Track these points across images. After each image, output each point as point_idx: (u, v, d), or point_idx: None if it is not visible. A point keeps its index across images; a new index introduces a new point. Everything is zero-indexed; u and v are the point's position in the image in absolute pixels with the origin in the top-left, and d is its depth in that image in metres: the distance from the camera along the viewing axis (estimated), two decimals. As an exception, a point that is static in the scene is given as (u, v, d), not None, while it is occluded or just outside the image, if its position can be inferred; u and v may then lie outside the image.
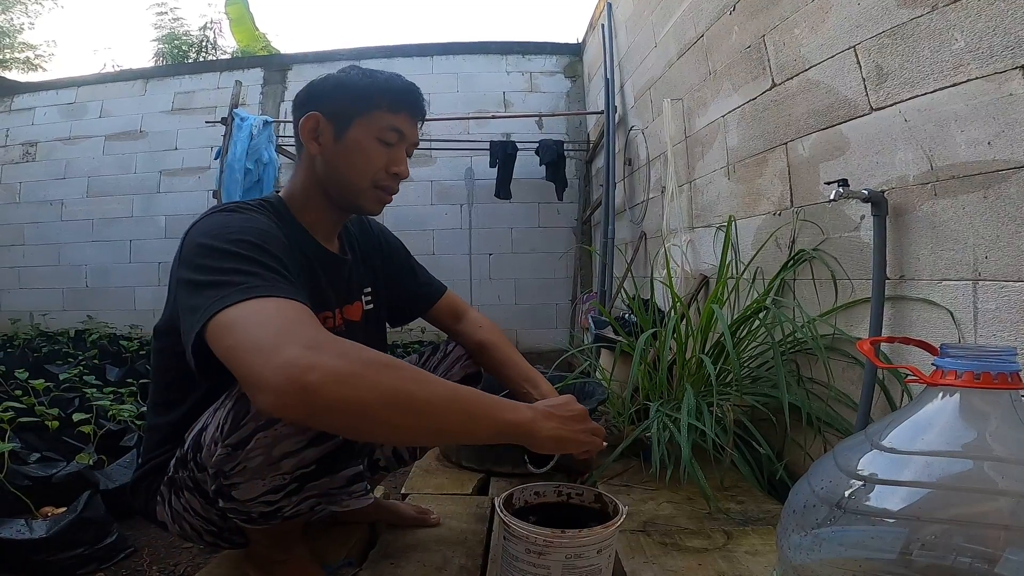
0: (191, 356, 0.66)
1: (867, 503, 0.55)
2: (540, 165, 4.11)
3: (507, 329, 4.71)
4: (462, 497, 1.44)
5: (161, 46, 7.63)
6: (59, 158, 4.99)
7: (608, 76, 3.55)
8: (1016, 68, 0.98)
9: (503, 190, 4.11)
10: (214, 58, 7.20)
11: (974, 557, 0.52)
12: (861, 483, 0.56)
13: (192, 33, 7.79)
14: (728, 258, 1.77)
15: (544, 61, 4.84)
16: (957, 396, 0.55)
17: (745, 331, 1.63)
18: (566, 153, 4.23)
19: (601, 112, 3.70)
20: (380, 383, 0.61)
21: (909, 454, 0.55)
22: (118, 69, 5.89)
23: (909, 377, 0.59)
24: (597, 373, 1.99)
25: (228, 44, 7.64)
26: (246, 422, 0.73)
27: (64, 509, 1.35)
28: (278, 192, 0.97)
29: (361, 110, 0.89)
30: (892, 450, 0.56)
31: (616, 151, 3.51)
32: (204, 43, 7.68)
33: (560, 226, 4.67)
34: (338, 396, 0.58)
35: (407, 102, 0.91)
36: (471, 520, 1.26)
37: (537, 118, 4.59)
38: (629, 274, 3.12)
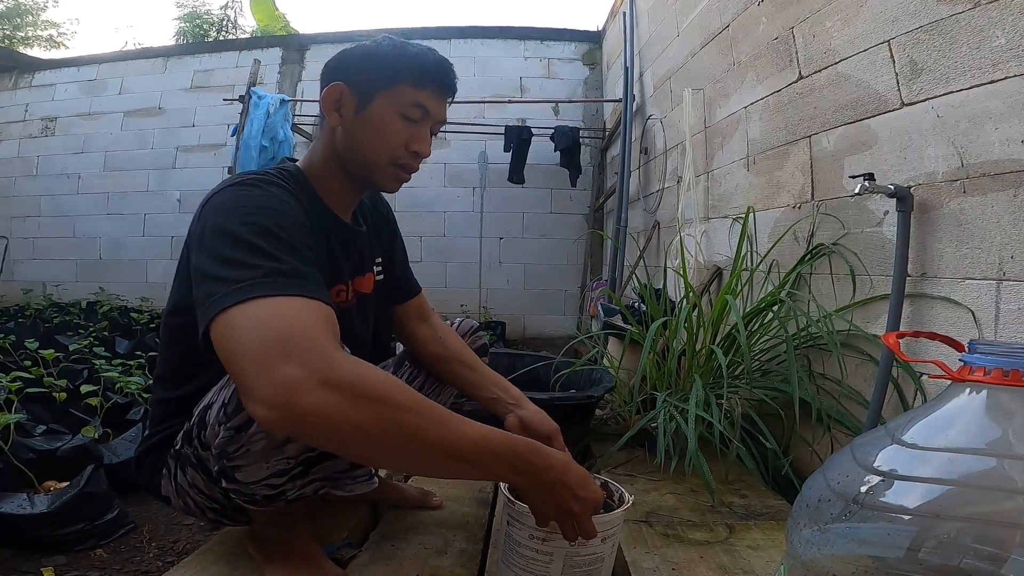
0: (202, 342, 0.65)
1: (884, 499, 0.54)
2: (555, 151, 4.08)
3: (515, 313, 4.73)
4: (464, 481, 1.43)
5: (182, 24, 7.66)
6: (77, 133, 5.05)
7: (628, 64, 3.51)
8: None
9: (516, 175, 4.09)
10: (234, 37, 7.22)
11: (982, 557, 0.51)
12: (879, 478, 0.54)
13: (213, 12, 7.81)
14: (744, 250, 1.75)
15: (562, 48, 4.79)
16: (984, 393, 0.53)
17: (758, 324, 1.60)
18: (581, 140, 4.19)
19: (619, 100, 3.65)
20: (377, 421, 0.59)
21: (931, 450, 0.53)
22: (139, 47, 5.93)
23: (934, 373, 0.57)
24: (604, 360, 1.97)
25: (248, 23, 7.65)
26: None
27: (67, 484, 1.35)
28: (294, 161, 0.95)
29: (386, 83, 0.85)
30: (913, 446, 0.54)
31: (632, 139, 3.48)
32: (224, 22, 7.70)
33: (572, 213, 4.65)
34: (330, 428, 0.58)
35: (435, 78, 0.87)
36: (473, 504, 1.26)
37: (553, 104, 4.55)
38: (641, 262, 3.10)
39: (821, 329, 1.40)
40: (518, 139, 4.02)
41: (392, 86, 0.85)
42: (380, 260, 1.06)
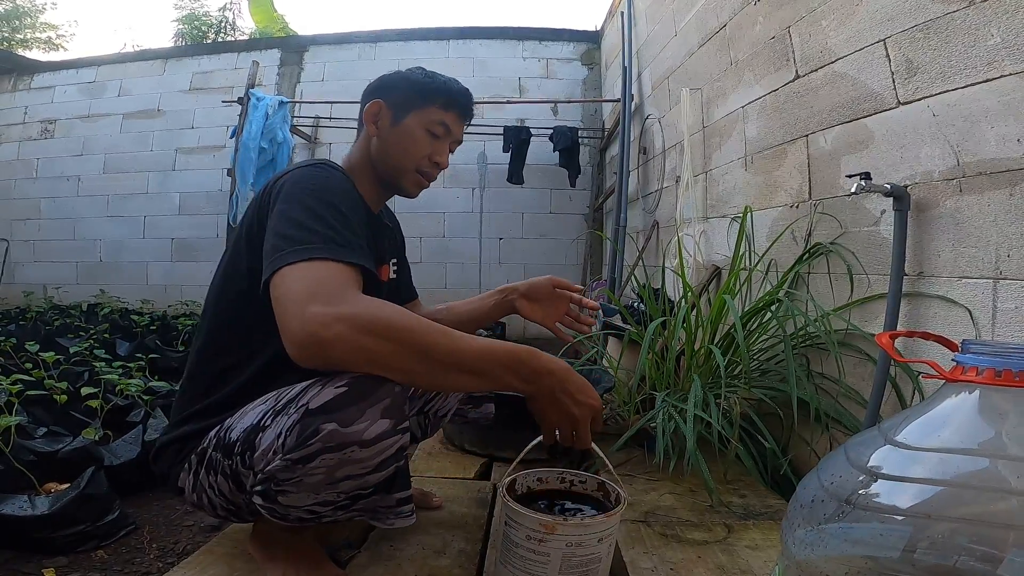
0: (262, 290, 0.77)
1: (877, 499, 0.54)
2: (554, 151, 4.08)
3: (515, 316, 4.70)
4: (464, 481, 1.44)
5: (181, 26, 7.66)
6: (77, 135, 5.05)
7: (626, 64, 3.51)
8: None
9: (516, 175, 4.09)
10: (232, 39, 7.22)
11: (978, 558, 0.51)
12: (872, 479, 0.54)
13: (212, 14, 7.81)
14: (742, 249, 1.75)
15: (561, 48, 4.79)
16: (976, 393, 0.53)
17: (756, 323, 1.60)
18: (580, 140, 4.19)
19: (617, 100, 3.66)
20: (388, 346, 0.71)
21: (923, 451, 0.53)
22: (138, 49, 5.93)
23: (927, 373, 0.57)
24: (604, 360, 1.97)
25: (247, 25, 7.65)
26: (314, 442, 0.72)
27: (67, 485, 1.35)
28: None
29: (419, 103, 1.01)
30: (906, 446, 0.54)
31: (631, 139, 3.48)
32: (223, 24, 7.70)
33: (572, 213, 4.65)
34: (347, 353, 0.70)
35: (459, 103, 1.04)
36: (472, 505, 1.26)
37: (552, 104, 4.55)
38: (640, 262, 3.09)
39: (819, 329, 1.40)
40: (517, 139, 4.02)
41: (424, 106, 1.01)
42: (395, 260, 1.18)
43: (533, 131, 4.04)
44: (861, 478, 0.55)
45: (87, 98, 5.10)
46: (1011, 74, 1.03)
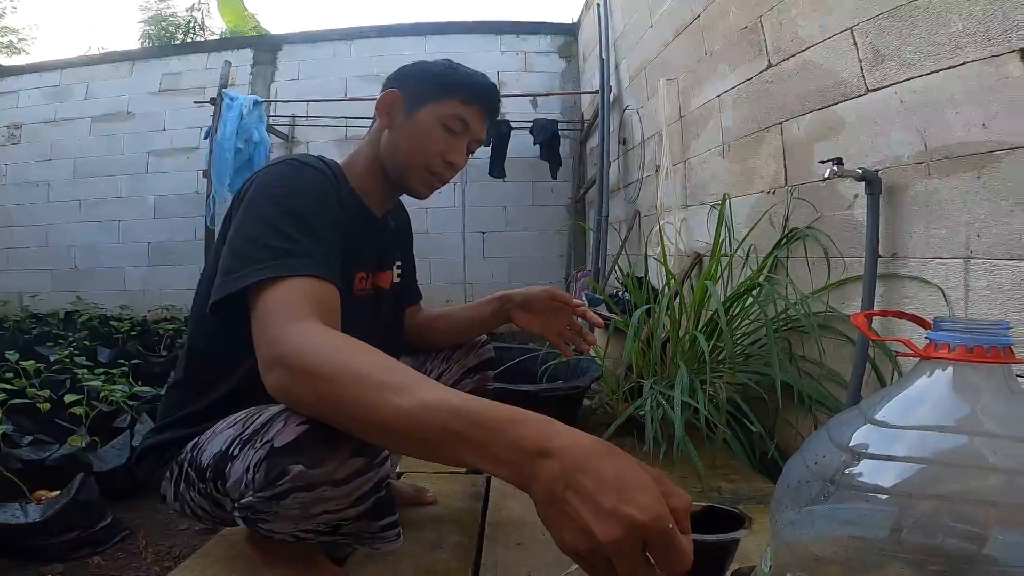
0: (209, 308, 0.74)
1: (861, 478, 0.55)
2: (534, 144, 4.09)
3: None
4: (457, 475, 1.45)
5: (147, 28, 7.48)
6: (45, 140, 4.93)
7: (603, 56, 3.52)
8: (1014, 51, 0.98)
9: (497, 169, 4.10)
10: (202, 39, 7.08)
11: (963, 536, 0.53)
12: (854, 458, 0.56)
13: (179, 14, 7.64)
14: (722, 236, 1.78)
15: (539, 41, 4.79)
16: (950, 370, 0.55)
17: (738, 308, 1.63)
18: (560, 132, 4.20)
19: (596, 92, 3.67)
20: (312, 394, 0.61)
21: (902, 429, 0.55)
22: (103, 51, 5.78)
23: (902, 352, 0.60)
24: (591, 350, 1.99)
25: (216, 25, 7.50)
26: (283, 482, 0.68)
27: (58, 492, 1.34)
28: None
29: (437, 95, 0.92)
30: (886, 424, 0.56)
31: (611, 131, 3.50)
32: (191, 24, 7.54)
33: (554, 205, 4.66)
34: (289, 403, 0.67)
35: (481, 97, 0.94)
36: (466, 499, 1.27)
37: (531, 98, 4.55)
38: (623, 252, 3.12)
39: (799, 312, 1.43)
40: (498, 133, 4.02)
41: (442, 99, 0.92)
42: (400, 263, 1.10)
43: (513, 125, 4.05)
44: (843, 457, 0.56)
45: (53, 102, 4.97)
46: (973, 60, 1.05)
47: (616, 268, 3.10)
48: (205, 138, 3.92)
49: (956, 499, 0.53)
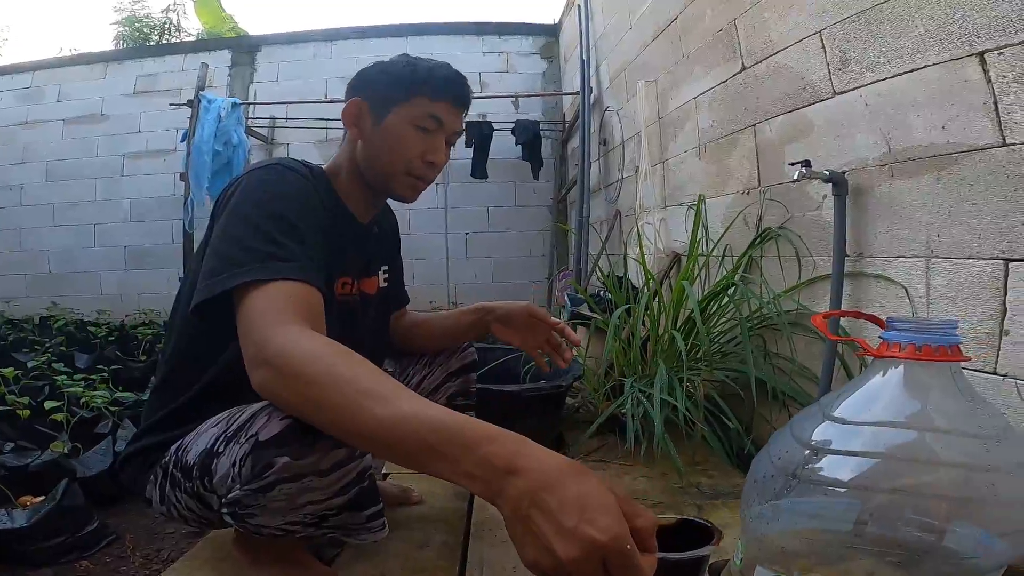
0: (192, 311, 0.75)
1: (820, 473, 0.59)
2: (516, 145, 4.11)
3: (485, 310, 4.74)
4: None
5: (121, 29, 7.33)
6: (17, 143, 4.83)
7: (584, 57, 3.54)
8: (972, 55, 1.01)
9: (479, 170, 4.11)
10: (178, 40, 6.97)
11: (922, 529, 0.56)
12: (814, 453, 0.59)
13: (154, 15, 7.50)
14: (699, 236, 1.81)
15: (520, 42, 4.80)
16: (901, 368, 0.58)
17: (715, 307, 1.67)
18: (542, 133, 4.23)
19: (577, 93, 3.69)
20: (295, 396, 0.63)
21: (858, 425, 0.59)
22: (76, 53, 5.66)
23: (859, 350, 0.63)
24: (573, 350, 2.02)
25: (193, 26, 7.38)
26: (269, 475, 0.70)
27: (43, 498, 1.34)
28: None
29: (401, 97, 0.91)
30: (843, 421, 0.60)
31: (591, 131, 3.53)
32: (167, 25, 7.41)
33: (536, 205, 4.69)
34: (275, 401, 0.68)
35: (448, 91, 0.92)
36: (452, 498, 1.29)
37: (513, 98, 4.57)
38: (604, 252, 3.16)
39: (772, 310, 1.47)
40: (479, 134, 4.03)
41: (408, 100, 0.90)
42: (387, 268, 1.10)
43: (495, 125, 4.06)
44: (805, 453, 0.60)
45: (24, 104, 4.87)
46: (935, 64, 1.09)
47: (597, 268, 3.14)
48: (182, 141, 3.88)
49: (908, 492, 0.57)
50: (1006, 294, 0.98)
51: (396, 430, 0.54)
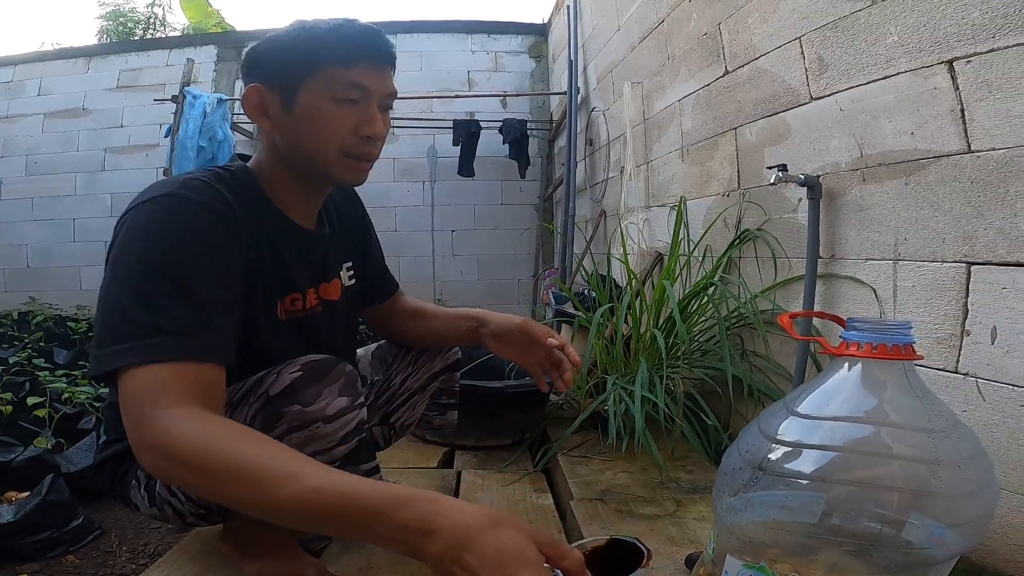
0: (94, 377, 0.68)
1: (783, 465, 0.62)
2: (503, 143, 4.13)
3: (470, 305, 4.72)
4: (428, 471, 1.49)
5: (105, 23, 7.22)
6: (-4, 137, 4.75)
7: (572, 57, 3.56)
8: (941, 63, 1.05)
9: (466, 168, 4.12)
10: (163, 35, 6.88)
11: (880, 521, 0.59)
12: (778, 446, 0.63)
13: (139, 10, 7.39)
14: (680, 236, 1.85)
15: (509, 41, 4.81)
16: (859, 366, 0.62)
17: (695, 306, 1.71)
18: (529, 132, 4.25)
19: (564, 93, 3.71)
20: (190, 482, 0.61)
21: (819, 419, 0.62)
22: (58, 47, 5.58)
23: (821, 349, 0.67)
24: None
25: (178, 21, 7.27)
26: (280, 424, 0.75)
27: (28, 493, 1.35)
28: (247, 158, 0.89)
29: (307, 71, 0.77)
30: (805, 416, 0.63)
31: (578, 131, 3.55)
32: (152, 20, 7.30)
33: (523, 203, 4.71)
34: (171, 483, 0.71)
35: (361, 51, 0.79)
36: (436, 489, 1.31)
37: (501, 97, 4.59)
38: (588, 251, 3.20)
39: (748, 310, 1.51)
40: (467, 133, 4.04)
41: (315, 72, 0.77)
42: (350, 264, 1.01)
43: (483, 124, 4.07)
44: (770, 446, 0.63)
45: (5, 98, 4.80)
46: (906, 71, 1.13)
47: (582, 267, 3.17)
48: (166, 136, 3.85)
49: (866, 485, 0.60)
50: (968, 296, 1.02)
51: (309, 504, 0.53)
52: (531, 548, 0.49)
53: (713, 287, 1.66)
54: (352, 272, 1.01)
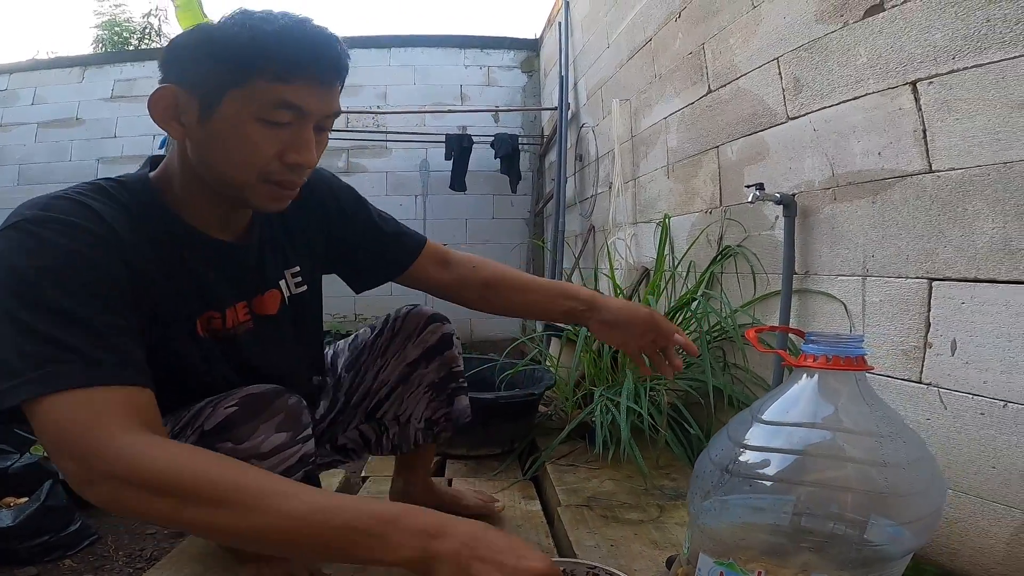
0: None
1: (748, 468, 0.67)
2: (495, 158, 4.19)
3: (461, 318, 4.78)
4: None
5: (100, 32, 7.28)
6: (-11, 145, 4.78)
7: (563, 73, 3.62)
8: (906, 84, 1.10)
9: (458, 182, 4.17)
10: (158, 46, 6.95)
11: (842, 521, 0.63)
12: (744, 450, 0.68)
13: (134, 20, 7.46)
14: (665, 253, 1.91)
15: (502, 55, 4.90)
16: (816, 376, 0.67)
17: (679, 320, 1.76)
18: (520, 147, 4.32)
19: (555, 108, 3.78)
20: (154, 510, 0.54)
21: (780, 425, 0.67)
22: (53, 56, 5.62)
23: (783, 361, 0.72)
24: (547, 360, 2.10)
25: (173, 31, 7.35)
26: None
27: (26, 499, 1.38)
28: (152, 169, 0.78)
29: (235, 77, 0.64)
30: (768, 422, 0.68)
31: (568, 147, 3.62)
32: (148, 30, 7.37)
33: (514, 218, 4.77)
34: (124, 514, 0.63)
35: (302, 66, 0.65)
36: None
37: (493, 112, 4.66)
38: (577, 266, 3.25)
39: (728, 324, 1.57)
40: (459, 147, 4.10)
41: (244, 83, 0.64)
42: (298, 269, 0.91)
43: (475, 138, 4.14)
44: (736, 450, 0.68)
45: (-1, 107, 4.84)
46: (874, 92, 1.17)
47: (571, 281, 3.22)
48: (160, 147, 3.88)
49: (824, 486, 0.66)
50: (930, 310, 1.08)
51: (311, 524, 0.52)
52: (528, 544, 0.55)
53: (696, 302, 1.71)
54: (300, 279, 0.91)
